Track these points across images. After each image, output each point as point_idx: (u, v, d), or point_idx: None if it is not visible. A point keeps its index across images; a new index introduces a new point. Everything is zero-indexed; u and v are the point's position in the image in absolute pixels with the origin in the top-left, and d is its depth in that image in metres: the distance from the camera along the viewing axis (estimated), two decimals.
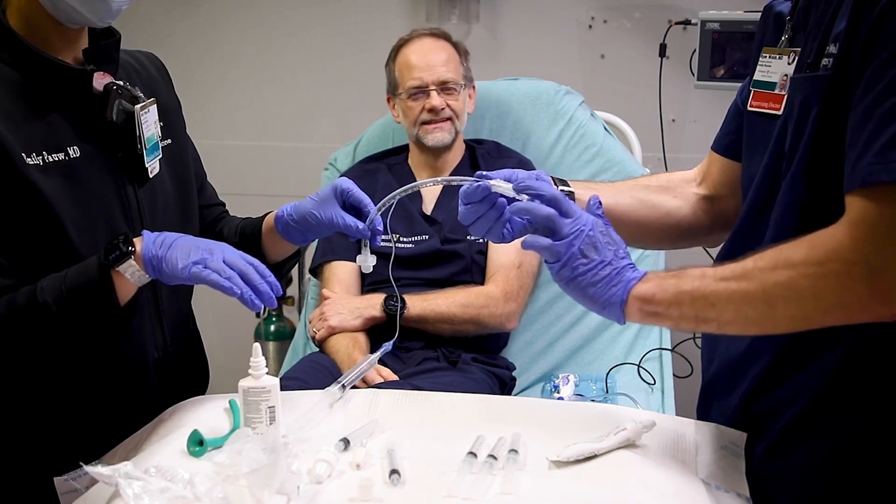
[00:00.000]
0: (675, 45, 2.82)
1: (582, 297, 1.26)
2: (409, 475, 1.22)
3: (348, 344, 2.08)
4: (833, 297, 1.07)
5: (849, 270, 1.04)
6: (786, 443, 1.23)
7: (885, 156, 1.02)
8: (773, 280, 1.10)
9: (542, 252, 1.28)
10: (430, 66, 2.31)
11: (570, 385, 2.14)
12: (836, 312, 1.08)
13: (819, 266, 1.06)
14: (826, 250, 1.06)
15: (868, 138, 1.04)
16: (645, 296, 1.21)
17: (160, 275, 1.43)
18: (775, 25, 1.31)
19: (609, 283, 1.23)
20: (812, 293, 1.08)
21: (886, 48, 1.04)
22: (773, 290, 1.10)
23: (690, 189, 1.52)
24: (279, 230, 1.64)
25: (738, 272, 1.13)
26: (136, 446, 1.41)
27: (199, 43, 3.18)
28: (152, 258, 1.41)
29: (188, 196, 1.70)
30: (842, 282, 1.05)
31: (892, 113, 1.02)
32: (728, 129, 1.47)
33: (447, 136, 2.31)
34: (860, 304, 1.05)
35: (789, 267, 1.09)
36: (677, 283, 1.19)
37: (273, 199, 2.11)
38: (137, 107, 1.53)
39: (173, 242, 1.43)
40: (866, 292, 1.04)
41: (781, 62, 1.25)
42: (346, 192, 1.57)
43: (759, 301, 1.11)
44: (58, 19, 1.45)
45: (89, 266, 1.42)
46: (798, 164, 1.17)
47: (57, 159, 1.45)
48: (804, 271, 1.07)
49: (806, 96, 1.17)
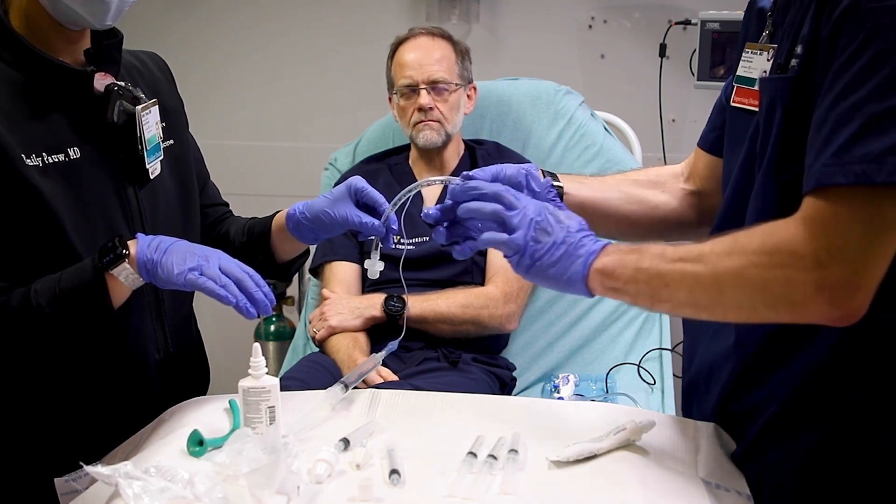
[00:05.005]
0: (675, 45, 2.82)
1: (545, 280, 1.25)
2: (409, 475, 1.22)
3: (348, 344, 2.08)
4: (779, 290, 1.06)
5: (797, 263, 1.04)
6: (762, 444, 1.23)
7: (840, 157, 1.02)
8: (724, 266, 1.10)
9: (501, 247, 1.27)
10: (421, 64, 2.30)
11: (570, 385, 2.14)
12: (781, 307, 1.07)
13: (770, 256, 1.06)
14: (778, 241, 1.06)
15: (824, 140, 1.04)
16: (605, 270, 1.20)
17: (154, 279, 1.43)
18: (758, 21, 1.31)
19: (567, 260, 1.22)
20: (759, 283, 1.07)
21: (844, 51, 1.04)
22: (723, 275, 1.10)
23: (678, 184, 1.53)
24: (290, 229, 1.63)
25: (693, 254, 1.13)
26: (137, 446, 1.41)
27: (199, 43, 3.18)
28: (147, 262, 1.41)
29: (190, 197, 1.70)
30: (788, 274, 1.05)
31: (848, 115, 1.02)
32: (713, 126, 1.47)
33: (436, 137, 2.29)
34: (805, 299, 1.04)
35: (742, 254, 1.09)
36: (637, 260, 1.18)
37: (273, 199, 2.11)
38: (138, 108, 1.53)
39: (168, 247, 1.43)
40: (811, 288, 1.03)
41: (762, 58, 1.24)
42: (360, 190, 1.55)
43: (710, 285, 1.11)
44: (58, 21, 1.45)
45: (83, 269, 1.42)
46: (767, 163, 1.18)
47: (56, 160, 1.45)
48: (755, 260, 1.07)
49: (772, 97, 1.18)
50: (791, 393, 1.19)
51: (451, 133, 2.33)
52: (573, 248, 1.22)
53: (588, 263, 1.21)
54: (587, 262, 1.21)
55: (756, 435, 1.24)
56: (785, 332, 1.17)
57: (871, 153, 1.00)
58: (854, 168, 1.01)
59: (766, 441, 1.23)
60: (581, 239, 1.23)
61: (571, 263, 1.22)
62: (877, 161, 1.00)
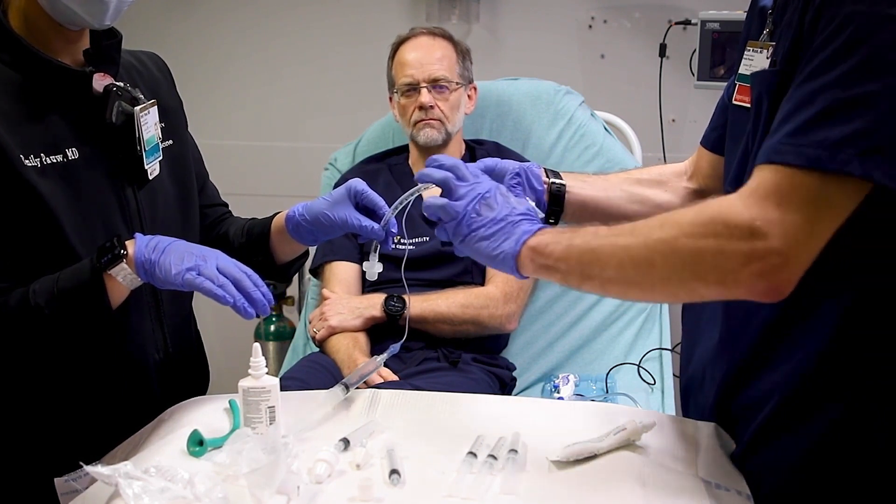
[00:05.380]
0: (675, 45, 2.82)
1: (475, 252, 1.26)
2: (409, 475, 1.22)
3: (348, 344, 2.08)
4: (709, 260, 1.05)
5: (730, 233, 1.03)
6: (759, 443, 1.23)
7: (795, 138, 1.02)
8: (656, 237, 1.09)
9: (438, 212, 1.27)
10: (422, 63, 2.30)
11: (570, 385, 2.14)
12: (711, 277, 1.06)
13: (703, 227, 1.06)
14: (714, 212, 1.06)
15: (784, 117, 1.04)
16: (537, 247, 1.20)
17: (152, 279, 1.43)
18: (759, 19, 1.31)
19: (501, 236, 1.23)
20: (690, 253, 1.06)
21: (820, 35, 1.04)
22: (654, 245, 1.09)
23: (681, 183, 1.53)
24: (289, 230, 1.63)
25: (626, 228, 1.13)
26: (137, 446, 1.41)
27: (198, 43, 3.18)
28: (145, 262, 1.41)
29: (189, 197, 1.70)
30: (721, 244, 1.04)
31: (811, 97, 1.02)
32: (715, 125, 1.48)
33: (437, 135, 2.30)
34: (734, 270, 1.03)
35: (675, 225, 1.08)
36: (571, 237, 1.18)
37: (273, 200, 2.11)
38: (137, 108, 1.52)
39: (166, 247, 1.43)
40: (741, 259, 1.02)
41: (762, 56, 1.24)
42: (360, 193, 1.55)
43: (641, 258, 1.10)
44: (57, 21, 1.45)
45: (82, 269, 1.42)
46: (753, 162, 1.18)
47: (55, 161, 1.45)
48: (688, 230, 1.07)
49: (760, 92, 1.18)
50: (786, 392, 1.19)
51: (452, 132, 2.33)
52: (510, 225, 1.23)
53: (521, 241, 1.21)
54: (521, 239, 1.22)
55: (753, 434, 1.24)
56: (777, 332, 1.17)
57: (826, 139, 1.00)
58: (807, 151, 1.01)
59: (764, 440, 1.23)
60: (521, 220, 1.23)
61: (505, 240, 1.22)
62: (831, 149, 1.00)
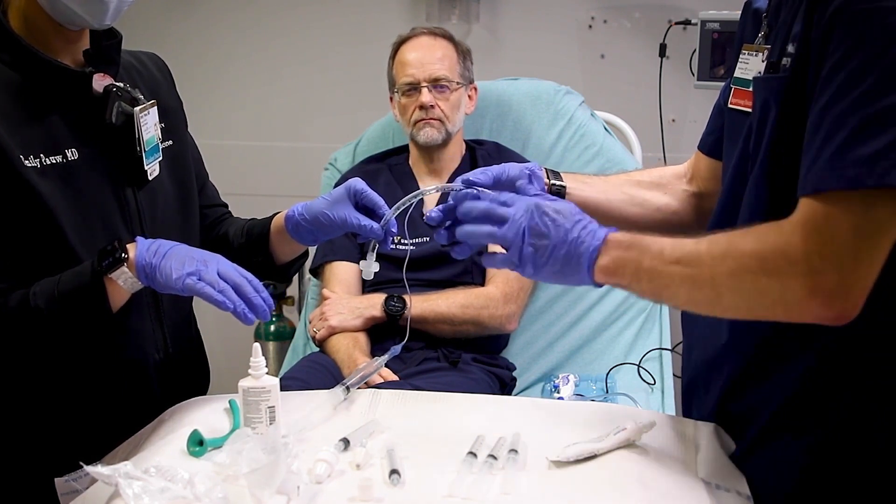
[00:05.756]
0: (675, 45, 2.82)
1: (555, 281, 1.27)
2: (409, 475, 1.22)
3: (349, 344, 2.08)
4: (774, 294, 1.08)
5: (790, 269, 1.05)
6: (761, 444, 1.23)
7: (833, 162, 1.03)
8: (720, 270, 1.11)
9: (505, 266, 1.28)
10: (423, 63, 2.30)
11: (570, 385, 2.14)
12: (778, 309, 1.09)
13: (764, 262, 1.07)
14: (772, 246, 1.07)
15: (820, 145, 1.05)
16: (608, 270, 1.21)
17: (153, 283, 1.42)
18: (754, 22, 1.31)
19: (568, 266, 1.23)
20: (755, 287, 1.09)
21: (838, 50, 1.04)
22: (719, 279, 1.11)
23: (680, 185, 1.53)
24: (289, 230, 1.63)
25: (691, 257, 1.14)
26: (137, 446, 1.41)
27: (198, 43, 3.18)
28: (145, 266, 1.41)
29: (189, 198, 1.70)
30: (783, 281, 1.06)
31: (841, 120, 1.03)
32: (711, 129, 1.48)
33: (437, 135, 2.30)
34: (799, 303, 1.06)
35: (737, 258, 1.10)
36: (638, 260, 1.19)
37: (273, 200, 2.11)
38: (137, 109, 1.52)
39: (168, 251, 1.43)
40: (805, 292, 1.05)
41: (757, 59, 1.24)
42: (360, 192, 1.55)
43: (707, 288, 1.13)
44: (57, 21, 1.45)
45: (82, 272, 1.42)
46: (759, 166, 1.18)
47: (54, 161, 1.45)
48: (750, 265, 1.08)
49: (765, 98, 1.18)
50: (790, 394, 1.19)
51: (452, 132, 2.33)
52: (573, 247, 1.22)
53: (590, 267, 1.22)
54: (589, 265, 1.22)
55: (755, 435, 1.24)
56: (780, 334, 1.17)
57: (861, 157, 1.01)
58: (847, 172, 1.02)
59: (766, 442, 1.23)
60: (580, 234, 1.23)
61: (575, 270, 1.23)
62: (867, 164, 1.01)
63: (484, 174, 1.37)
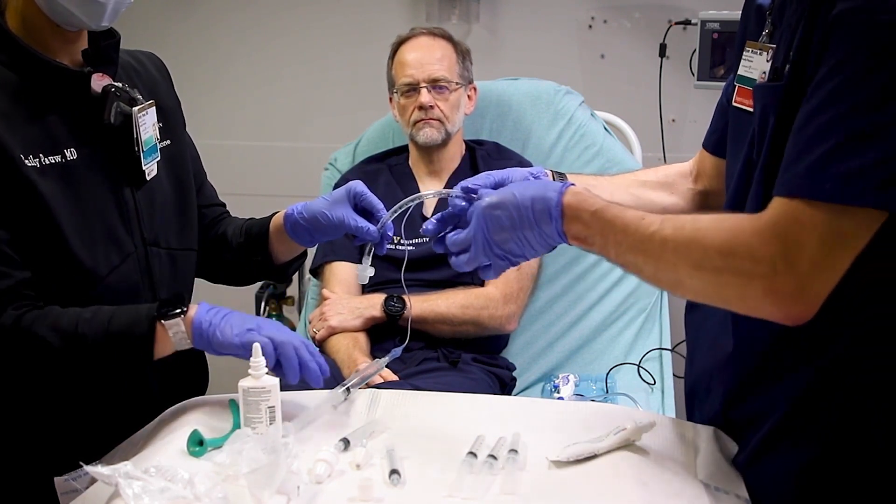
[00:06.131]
0: (675, 45, 2.82)
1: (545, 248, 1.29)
2: (409, 475, 1.22)
3: (349, 344, 2.08)
4: (733, 290, 1.10)
5: (753, 270, 1.07)
6: (764, 452, 1.23)
7: (812, 172, 1.03)
8: (684, 259, 1.13)
9: (501, 271, 1.32)
10: (422, 63, 2.30)
11: (570, 385, 2.14)
12: (734, 302, 1.12)
13: (728, 259, 1.09)
14: (739, 245, 1.08)
15: (801, 149, 1.05)
16: (577, 239, 1.24)
17: (208, 342, 1.42)
18: (757, 18, 1.30)
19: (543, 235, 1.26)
20: (716, 281, 1.11)
21: (834, 55, 1.04)
22: (682, 268, 1.14)
23: (686, 184, 1.53)
24: (287, 229, 1.63)
25: (654, 241, 1.16)
26: (137, 446, 1.41)
27: (198, 43, 3.18)
28: (202, 323, 1.42)
29: (187, 197, 1.70)
30: (744, 279, 1.08)
31: (827, 129, 1.03)
32: (715, 127, 1.47)
33: (437, 135, 2.29)
34: (756, 300, 1.08)
35: (701, 251, 1.11)
36: (603, 235, 1.21)
37: (273, 200, 2.11)
38: (135, 109, 1.52)
39: (227, 314, 1.44)
40: (761, 292, 1.06)
41: (761, 58, 1.23)
42: (359, 195, 1.56)
43: (670, 272, 1.16)
44: (55, 22, 1.45)
45: (138, 315, 1.43)
46: (760, 171, 1.18)
47: (54, 161, 1.45)
48: (713, 260, 1.10)
49: (764, 106, 1.18)
50: (792, 402, 1.19)
51: (451, 132, 2.32)
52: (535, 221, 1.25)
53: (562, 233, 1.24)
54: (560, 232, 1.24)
55: (758, 443, 1.23)
56: (783, 345, 1.17)
57: (841, 173, 1.02)
58: (824, 186, 1.02)
59: (769, 449, 1.22)
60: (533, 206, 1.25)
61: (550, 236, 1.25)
62: (845, 182, 1.01)
63: (486, 179, 1.37)
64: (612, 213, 1.21)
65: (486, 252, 1.29)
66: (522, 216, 1.25)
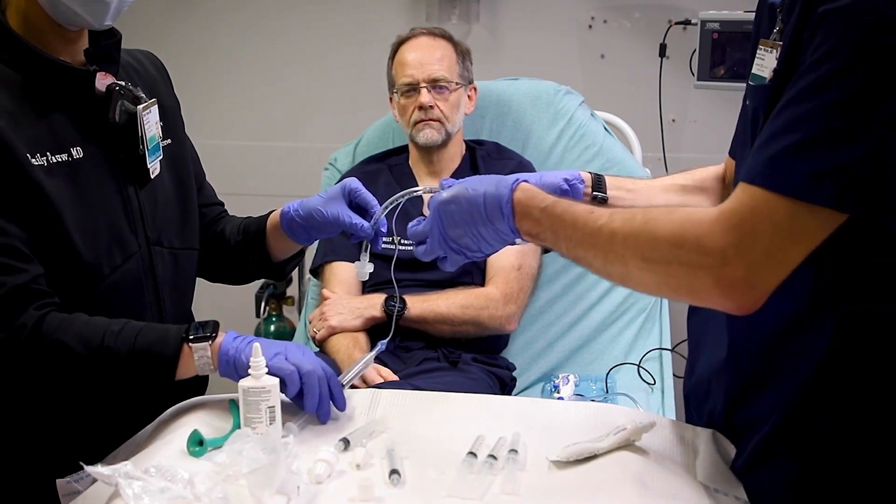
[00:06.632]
0: (675, 45, 2.82)
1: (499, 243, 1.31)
2: (409, 475, 1.22)
3: (348, 344, 2.08)
4: (681, 280, 1.10)
5: (702, 261, 1.06)
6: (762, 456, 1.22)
7: (776, 163, 1.03)
8: (632, 251, 1.13)
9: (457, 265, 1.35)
10: (422, 63, 2.30)
11: (570, 385, 2.14)
12: (683, 293, 1.12)
13: (676, 249, 1.08)
14: (689, 236, 1.08)
15: (769, 136, 1.05)
16: (529, 235, 1.26)
17: (234, 368, 1.41)
18: (769, 16, 1.30)
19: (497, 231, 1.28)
20: (665, 272, 1.11)
21: (818, 49, 1.03)
22: (630, 260, 1.14)
23: (721, 188, 1.52)
24: (284, 227, 1.64)
25: (603, 234, 1.16)
26: (137, 447, 1.41)
27: (198, 43, 3.18)
28: (229, 350, 1.41)
29: (188, 196, 1.70)
30: (692, 270, 1.08)
31: (797, 122, 1.03)
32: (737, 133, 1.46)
33: (437, 136, 2.29)
34: (705, 290, 1.08)
35: (650, 242, 1.11)
36: (554, 231, 1.22)
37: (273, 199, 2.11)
38: (140, 107, 1.53)
39: (252, 340, 1.43)
40: (710, 281, 1.06)
41: (771, 55, 1.22)
42: (353, 191, 1.57)
43: (619, 264, 1.16)
44: (57, 21, 1.45)
45: (166, 335, 1.42)
46: (738, 176, 1.17)
47: (60, 160, 1.45)
48: (662, 251, 1.10)
49: (755, 107, 1.17)
50: (790, 404, 1.18)
51: (451, 132, 2.32)
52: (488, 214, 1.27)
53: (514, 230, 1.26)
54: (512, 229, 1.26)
55: (757, 447, 1.22)
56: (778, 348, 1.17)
57: (806, 170, 1.01)
58: (789, 181, 1.02)
59: (767, 453, 1.21)
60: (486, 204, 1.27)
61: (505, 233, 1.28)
62: (810, 180, 1.01)
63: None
64: (561, 208, 1.22)
65: (441, 245, 1.31)
66: (474, 212, 1.27)
